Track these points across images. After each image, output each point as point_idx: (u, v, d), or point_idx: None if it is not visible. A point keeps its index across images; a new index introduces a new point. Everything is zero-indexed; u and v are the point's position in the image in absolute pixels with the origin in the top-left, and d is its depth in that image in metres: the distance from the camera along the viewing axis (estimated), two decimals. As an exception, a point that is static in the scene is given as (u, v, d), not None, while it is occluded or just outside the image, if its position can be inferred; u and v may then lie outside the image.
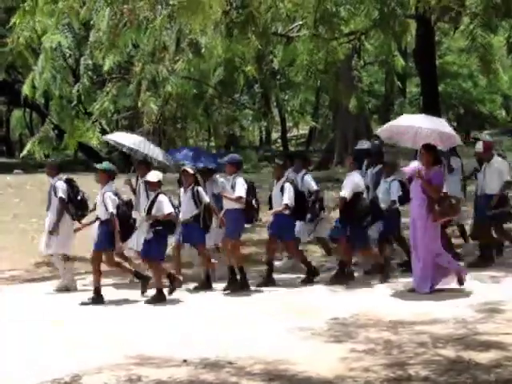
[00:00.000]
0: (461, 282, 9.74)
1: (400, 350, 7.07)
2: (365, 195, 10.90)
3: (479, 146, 11.78)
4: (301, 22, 13.29)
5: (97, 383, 6.42)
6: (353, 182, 10.59)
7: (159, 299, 9.87)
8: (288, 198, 10.58)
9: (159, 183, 10.12)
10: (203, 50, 12.80)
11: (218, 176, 11.31)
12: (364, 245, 10.78)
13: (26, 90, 13.26)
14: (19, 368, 6.91)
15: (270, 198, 11.08)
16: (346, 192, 10.52)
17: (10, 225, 16.43)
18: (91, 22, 12.69)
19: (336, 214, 11.12)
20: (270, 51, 15.20)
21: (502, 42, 13.24)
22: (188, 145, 34.32)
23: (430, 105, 14.94)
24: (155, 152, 11.58)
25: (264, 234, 12.28)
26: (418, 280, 9.69)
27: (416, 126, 10.13)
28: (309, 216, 11.47)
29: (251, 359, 6.89)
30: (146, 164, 11.35)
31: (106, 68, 12.72)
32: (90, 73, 13.49)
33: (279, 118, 39.36)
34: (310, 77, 14.92)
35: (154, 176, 10.14)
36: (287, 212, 10.64)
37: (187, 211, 10.67)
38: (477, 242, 12.00)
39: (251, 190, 10.71)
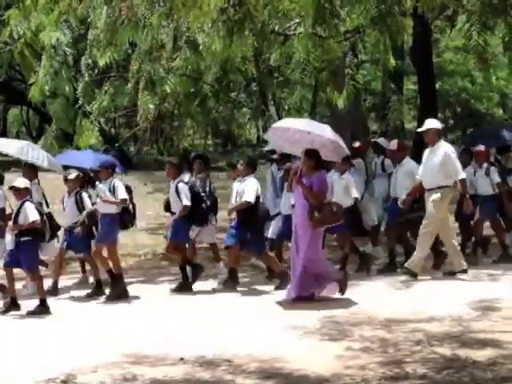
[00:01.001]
0: (342, 291, 9.40)
1: (396, 348, 7.07)
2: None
3: (393, 145, 11.61)
4: (298, 20, 13.26)
5: (92, 382, 6.41)
6: (254, 185, 10.35)
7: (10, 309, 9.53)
8: (186, 198, 10.30)
9: (27, 190, 9.58)
10: (201, 48, 12.76)
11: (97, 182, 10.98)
12: (263, 250, 10.54)
13: (34, 91, 13.23)
14: (13, 367, 6.91)
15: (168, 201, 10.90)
16: (250, 196, 10.24)
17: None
18: (88, 20, 12.67)
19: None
20: (268, 49, 15.16)
21: (498, 41, 13.22)
22: (185, 143, 34.32)
23: (427, 103, 14.95)
24: (40, 157, 11.22)
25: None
26: (290, 286, 9.39)
27: (313, 133, 9.55)
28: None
29: (247, 357, 6.89)
30: (34, 168, 11.17)
31: (101, 64, 12.70)
32: (90, 72, 13.49)
33: (276, 116, 39.32)
34: (307, 75, 14.92)
35: (21, 182, 9.62)
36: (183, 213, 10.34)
37: (70, 217, 10.55)
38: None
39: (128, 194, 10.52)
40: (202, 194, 10.74)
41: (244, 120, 38.35)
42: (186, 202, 10.31)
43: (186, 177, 10.98)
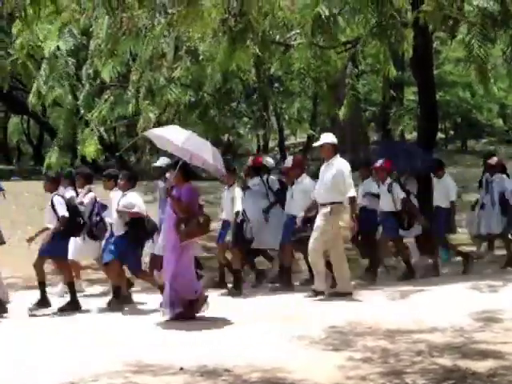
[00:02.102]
0: (197, 310, 9.19)
1: (397, 358, 7.07)
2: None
3: (288, 162, 11.46)
4: (298, 31, 13.30)
5: (93, 391, 6.42)
6: (137, 200, 10.18)
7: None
8: (62, 210, 10.00)
9: None
10: (201, 58, 12.81)
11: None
12: (139, 267, 10.33)
13: (32, 99, 13.26)
14: (12, 376, 6.88)
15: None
16: (140, 208, 10.07)
17: (7, 231, 16.37)
18: (90, 30, 12.72)
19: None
20: (268, 59, 15.20)
21: (499, 52, 13.25)
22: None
23: (428, 113, 14.94)
24: None
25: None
26: (164, 304, 9.19)
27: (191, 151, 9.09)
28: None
29: (248, 367, 6.88)
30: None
31: (104, 76, 12.74)
32: (91, 81, 13.52)
33: (277, 126, 39.38)
34: (307, 85, 14.95)
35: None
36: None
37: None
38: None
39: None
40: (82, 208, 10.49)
41: (244, 130, 38.40)
42: (64, 213, 9.98)
43: (70, 192, 10.87)
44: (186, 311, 9.08)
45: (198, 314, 9.20)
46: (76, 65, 14.56)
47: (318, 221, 10.17)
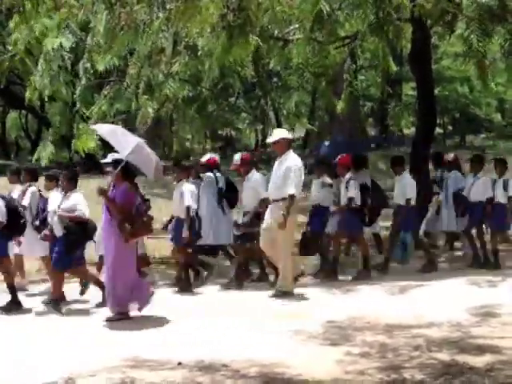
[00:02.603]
0: (140, 308, 9.06)
1: (395, 353, 7.09)
2: None
3: (236, 159, 11.30)
4: (297, 25, 13.29)
5: (91, 386, 6.43)
6: (79, 202, 9.90)
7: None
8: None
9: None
10: (200, 53, 12.78)
11: None
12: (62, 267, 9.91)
13: (28, 93, 13.24)
14: (12, 371, 6.90)
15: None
16: (85, 212, 9.85)
17: None
18: (89, 25, 12.69)
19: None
20: (267, 54, 15.19)
21: (497, 47, 13.25)
22: (184, 148, 34.32)
23: (426, 108, 14.93)
24: None
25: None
26: (108, 302, 9.09)
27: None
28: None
29: (246, 362, 6.89)
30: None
31: (99, 69, 12.72)
32: (88, 75, 13.48)
33: (275, 121, 39.40)
34: (305, 80, 14.93)
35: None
36: None
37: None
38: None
39: None
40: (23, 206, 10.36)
41: (243, 125, 38.43)
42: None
43: (15, 192, 10.85)
44: (129, 310, 9.01)
45: (141, 313, 9.09)
46: (73, 59, 14.54)
47: (271, 217, 10.04)
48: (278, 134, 10.38)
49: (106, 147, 24.75)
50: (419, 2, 10.55)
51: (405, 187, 11.69)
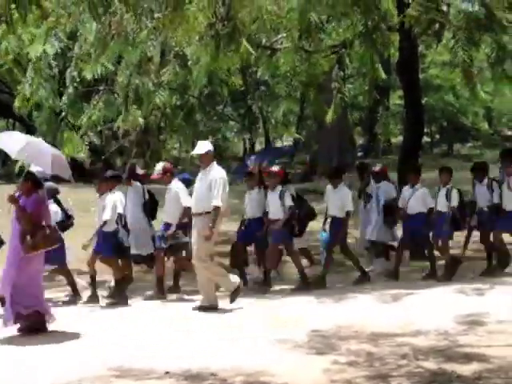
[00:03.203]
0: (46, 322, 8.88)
1: (382, 362, 7.08)
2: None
3: (159, 169, 11.25)
4: (285, 34, 13.33)
5: (77, 395, 6.39)
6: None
7: None
8: None
9: None
10: (189, 63, 12.80)
11: None
12: None
13: (17, 102, 13.21)
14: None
15: None
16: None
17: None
18: (77, 34, 12.69)
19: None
20: (255, 62, 15.22)
21: (484, 56, 13.33)
22: (171, 156, 34.27)
23: (413, 117, 14.99)
24: None
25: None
26: (7, 316, 8.76)
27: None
28: None
29: (233, 371, 6.87)
30: None
31: (88, 77, 12.72)
32: (75, 84, 13.47)
33: (263, 130, 39.43)
34: (293, 89, 14.97)
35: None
36: None
37: None
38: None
39: None
40: None
41: (230, 133, 38.43)
42: None
43: None
44: (33, 323, 8.81)
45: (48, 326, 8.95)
46: (61, 68, 14.55)
47: (197, 231, 9.88)
48: (204, 145, 10.12)
49: (94, 155, 24.65)
50: (409, 13, 10.59)
51: (343, 199, 11.58)
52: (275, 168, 11.76)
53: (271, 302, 10.44)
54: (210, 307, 9.89)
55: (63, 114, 13.77)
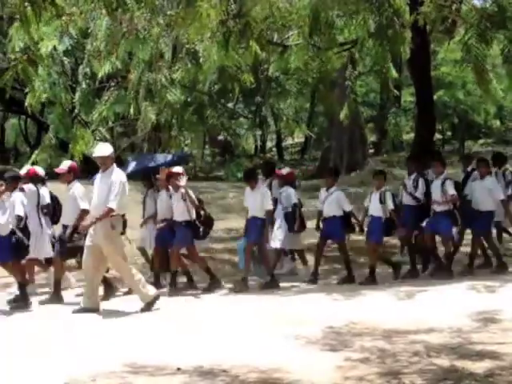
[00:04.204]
0: None
1: (394, 358, 7.07)
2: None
3: (64, 164, 11.01)
4: (296, 31, 13.33)
5: (90, 391, 6.42)
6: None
7: None
8: None
9: None
10: (201, 60, 12.81)
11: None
12: None
13: (29, 98, 13.24)
14: (10, 376, 6.87)
15: None
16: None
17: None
18: (89, 31, 12.72)
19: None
20: (267, 60, 15.23)
21: (497, 52, 13.28)
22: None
23: (425, 114, 14.97)
24: None
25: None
26: None
27: None
28: None
29: (246, 367, 6.88)
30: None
31: (100, 74, 12.75)
32: (88, 81, 13.52)
33: (274, 127, 39.43)
34: (304, 86, 14.97)
35: None
36: None
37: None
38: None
39: None
40: None
41: (242, 130, 38.44)
42: None
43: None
44: None
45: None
46: (74, 65, 14.58)
47: (96, 234, 9.70)
48: (106, 148, 9.96)
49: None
50: (422, 10, 10.57)
51: (262, 199, 11.46)
52: (178, 169, 11.50)
53: (283, 299, 10.46)
54: (91, 309, 9.77)
55: (76, 110, 13.78)
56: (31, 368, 7.12)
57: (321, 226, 12.11)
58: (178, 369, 6.90)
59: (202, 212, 11.53)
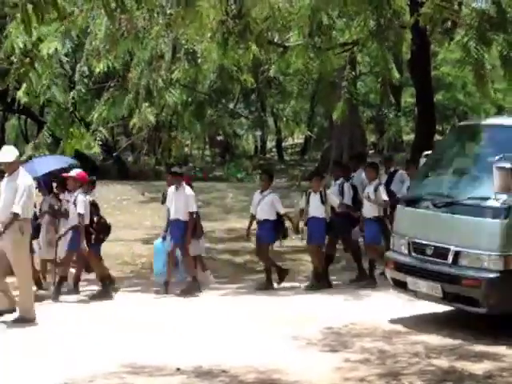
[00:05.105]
0: None
1: (394, 359, 7.08)
2: None
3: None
4: (296, 32, 13.31)
5: (89, 392, 6.43)
6: None
7: None
8: None
9: None
10: (200, 60, 12.80)
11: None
12: None
13: (21, 95, 13.21)
14: (9, 377, 6.88)
15: None
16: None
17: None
18: (88, 30, 12.70)
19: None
20: (267, 60, 15.21)
21: (496, 53, 13.27)
22: (183, 152, 34.26)
23: (425, 115, 14.97)
24: None
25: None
26: None
27: None
28: None
29: (245, 368, 6.89)
30: None
31: (98, 73, 12.73)
32: (85, 80, 13.48)
33: (274, 127, 39.41)
34: (304, 86, 14.97)
35: None
36: None
37: None
38: None
39: None
40: None
41: (242, 130, 38.44)
42: None
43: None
44: None
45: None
46: (73, 64, 14.58)
47: (9, 245, 9.30)
48: (9, 154, 9.58)
49: (106, 152, 24.60)
50: (423, 11, 10.56)
51: (185, 201, 11.27)
52: (77, 173, 11.28)
53: (282, 300, 10.45)
54: (27, 319, 9.24)
55: (70, 109, 13.76)
56: (29, 368, 7.12)
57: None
58: (178, 369, 6.90)
59: (97, 217, 11.18)
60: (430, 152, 10.55)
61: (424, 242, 8.48)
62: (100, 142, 13.54)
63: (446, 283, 8.07)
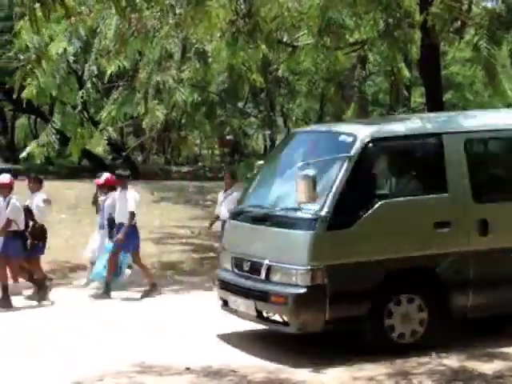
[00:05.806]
0: None
1: (404, 359, 7.05)
2: None
3: None
4: (305, 31, 13.30)
5: (99, 391, 6.44)
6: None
7: None
8: None
9: None
10: (210, 60, 12.80)
11: None
12: None
13: (27, 93, 13.20)
14: (19, 376, 6.91)
15: None
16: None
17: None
18: (98, 30, 12.71)
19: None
20: (276, 59, 15.21)
21: (506, 52, 13.22)
22: (193, 152, 34.32)
23: (435, 115, 14.89)
24: None
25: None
26: None
27: None
28: None
29: (253, 367, 6.89)
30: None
31: (108, 73, 12.74)
32: (94, 79, 13.50)
33: (284, 127, 39.39)
34: (314, 86, 14.92)
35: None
36: None
37: None
38: None
39: None
40: None
41: (251, 130, 38.44)
42: None
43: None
44: None
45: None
46: (83, 64, 14.58)
47: None
48: None
49: (115, 151, 24.65)
50: (432, 11, 10.53)
51: (128, 203, 11.05)
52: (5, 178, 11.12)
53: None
54: None
55: (79, 108, 13.78)
56: (38, 368, 7.14)
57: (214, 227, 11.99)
58: (187, 368, 6.91)
59: (32, 222, 10.92)
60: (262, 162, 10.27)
61: (242, 257, 7.94)
62: (107, 142, 13.55)
63: (258, 300, 7.56)
